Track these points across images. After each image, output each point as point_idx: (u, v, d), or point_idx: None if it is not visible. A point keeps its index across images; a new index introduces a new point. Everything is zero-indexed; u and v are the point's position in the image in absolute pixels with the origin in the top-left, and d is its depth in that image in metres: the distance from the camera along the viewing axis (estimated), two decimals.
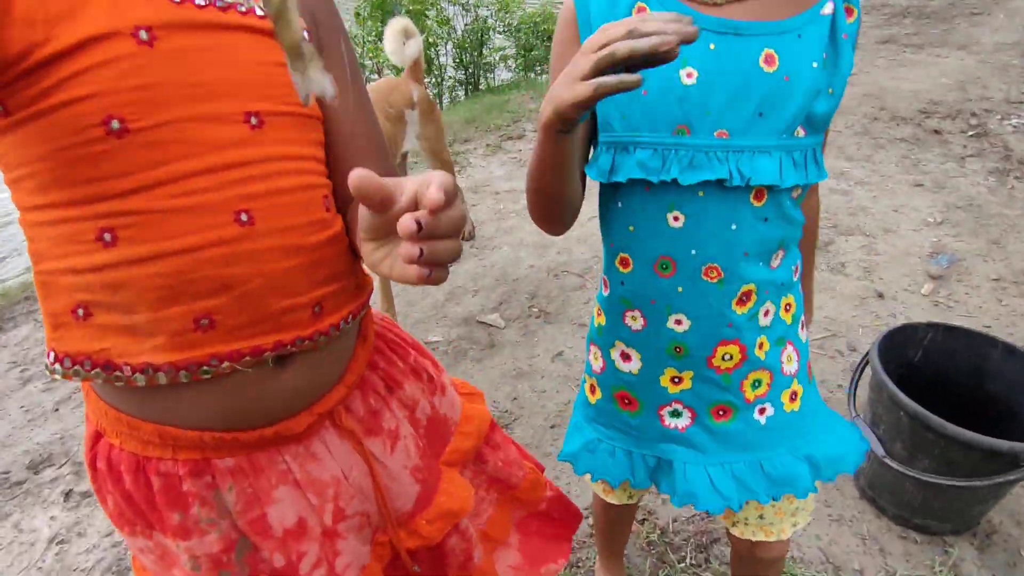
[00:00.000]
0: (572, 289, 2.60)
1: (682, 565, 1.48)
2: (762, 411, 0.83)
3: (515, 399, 2.04)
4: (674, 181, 0.69)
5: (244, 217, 0.57)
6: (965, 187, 3.14)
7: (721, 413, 0.83)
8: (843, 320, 2.27)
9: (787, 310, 0.82)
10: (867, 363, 1.56)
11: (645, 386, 0.85)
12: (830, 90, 0.70)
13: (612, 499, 1.08)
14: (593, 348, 0.90)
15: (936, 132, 3.72)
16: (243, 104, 0.57)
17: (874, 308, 2.33)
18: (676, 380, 0.82)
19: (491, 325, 2.40)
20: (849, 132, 3.83)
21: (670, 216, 0.72)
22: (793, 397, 0.85)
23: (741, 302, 0.76)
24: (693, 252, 0.73)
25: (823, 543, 1.53)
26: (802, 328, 0.86)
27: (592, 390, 0.93)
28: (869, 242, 2.74)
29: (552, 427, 1.91)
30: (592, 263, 2.78)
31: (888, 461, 1.44)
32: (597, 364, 0.90)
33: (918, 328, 1.60)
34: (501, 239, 3.09)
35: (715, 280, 0.74)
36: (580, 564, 1.51)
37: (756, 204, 0.71)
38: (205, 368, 0.58)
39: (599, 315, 0.88)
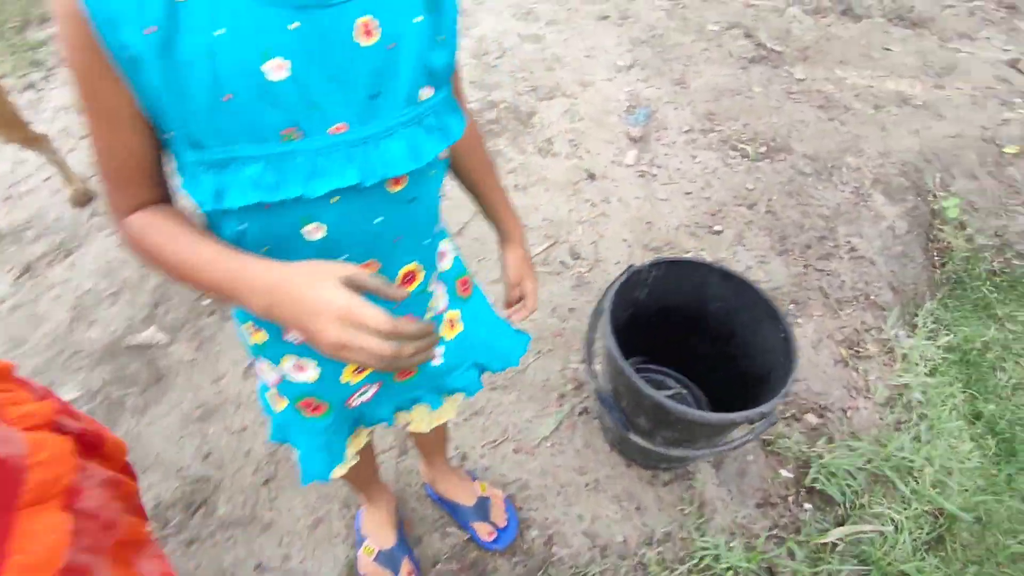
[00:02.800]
0: None
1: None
2: (434, 355, 0.87)
3: (208, 455, 1.56)
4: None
5: None
6: (645, 14, 3.02)
7: (405, 373, 0.88)
8: (560, 219, 2.09)
9: (441, 258, 0.86)
10: (601, 312, 1.40)
11: (329, 389, 0.82)
12: (442, 37, 0.62)
13: (344, 471, 0.98)
14: (261, 363, 0.83)
15: None
16: None
17: (588, 194, 2.18)
18: (359, 370, 0.82)
19: (149, 346, 1.77)
20: None
21: (307, 230, 0.63)
22: (452, 324, 0.92)
23: (406, 282, 0.76)
24: (345, 257, 0.67)
25: (585, 524, 1.45)
26: (442, 258, 0.87)
27: (276, 400, 0.86)
28: (571, 104, 2.53)
29: (266, 482, 1.51)
30: None
31: (632, 437, 1.35)
32: (271, 376, 0.83)
33: (641, 271, 1.45)
34: None
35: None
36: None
37: (396, 189, 0.65)
38: None
39: (254, 331, 0.79)
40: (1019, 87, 2.89)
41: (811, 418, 1.70)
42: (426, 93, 0.62)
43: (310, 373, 0.79)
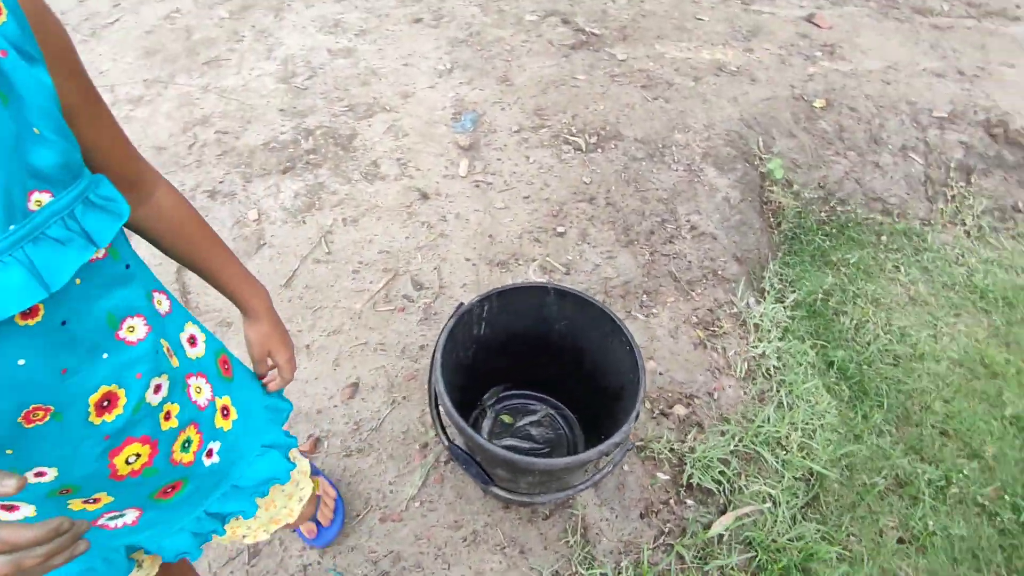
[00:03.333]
0: None
1: None
2: (209, 453, 0.75)
3: None
4: None
5: None
6: (460, 12, 2.91)
7: (169, 490, 0.72)
8: (397, 248, 1.95)
9: (191, 343, 0.74)
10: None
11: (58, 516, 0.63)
12: (36, 131, 0.48)
13: None
14: None
15: None
16: None
17: (424, 216, 2.05)
18: (92, 501, 0.65)
19: None
20: None
21: None
22: (225, 413, 0.78)
23: (104, 409, 0.59)
24: None
25: None
26: (192, 343, 0.74)
27: None
28: (393, 120, 2.37)
29: None
30: None
31: (494, 491, 1.25)
32: None
33: (472, 309, 1.34)
34: None
35: (47, 419, 0.54)
36: None
37: (33, 321, 0.50)
38: None
39: None
40: (818, 41, 3.07)
41: (680, 409, 1.69)
42: (41, 199, 0.50)
43: (24, 511, 0.64)
